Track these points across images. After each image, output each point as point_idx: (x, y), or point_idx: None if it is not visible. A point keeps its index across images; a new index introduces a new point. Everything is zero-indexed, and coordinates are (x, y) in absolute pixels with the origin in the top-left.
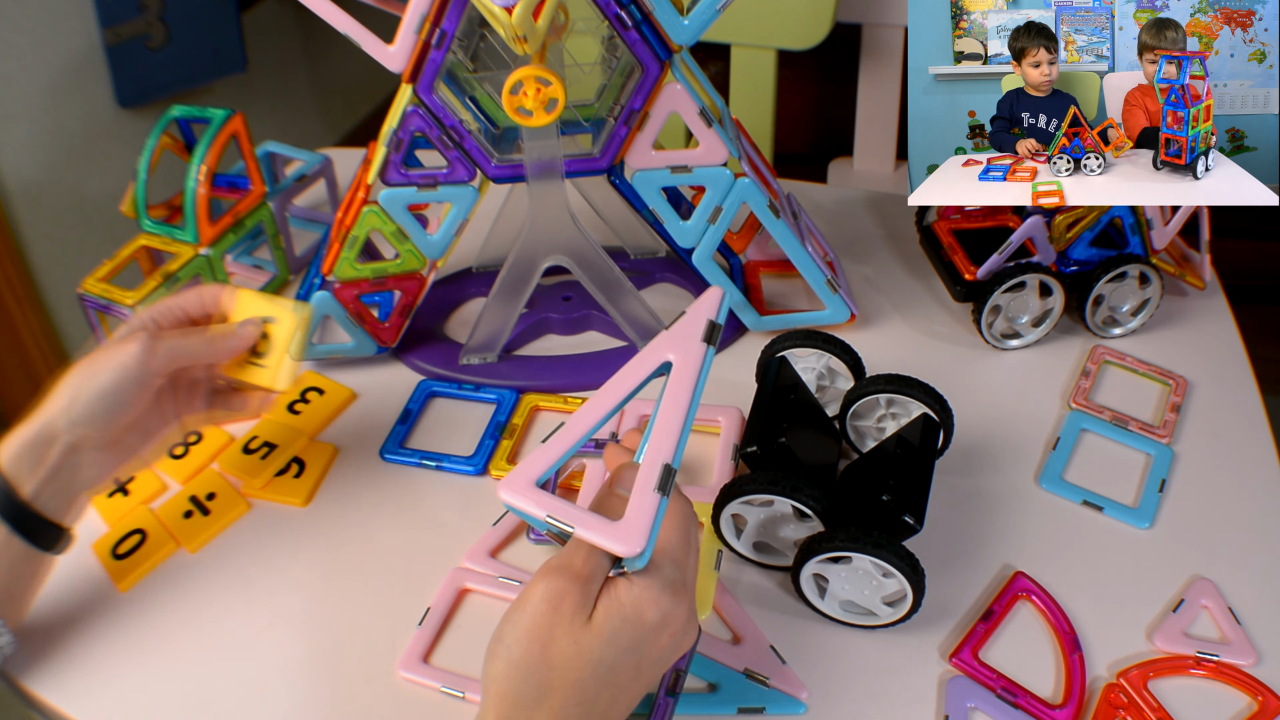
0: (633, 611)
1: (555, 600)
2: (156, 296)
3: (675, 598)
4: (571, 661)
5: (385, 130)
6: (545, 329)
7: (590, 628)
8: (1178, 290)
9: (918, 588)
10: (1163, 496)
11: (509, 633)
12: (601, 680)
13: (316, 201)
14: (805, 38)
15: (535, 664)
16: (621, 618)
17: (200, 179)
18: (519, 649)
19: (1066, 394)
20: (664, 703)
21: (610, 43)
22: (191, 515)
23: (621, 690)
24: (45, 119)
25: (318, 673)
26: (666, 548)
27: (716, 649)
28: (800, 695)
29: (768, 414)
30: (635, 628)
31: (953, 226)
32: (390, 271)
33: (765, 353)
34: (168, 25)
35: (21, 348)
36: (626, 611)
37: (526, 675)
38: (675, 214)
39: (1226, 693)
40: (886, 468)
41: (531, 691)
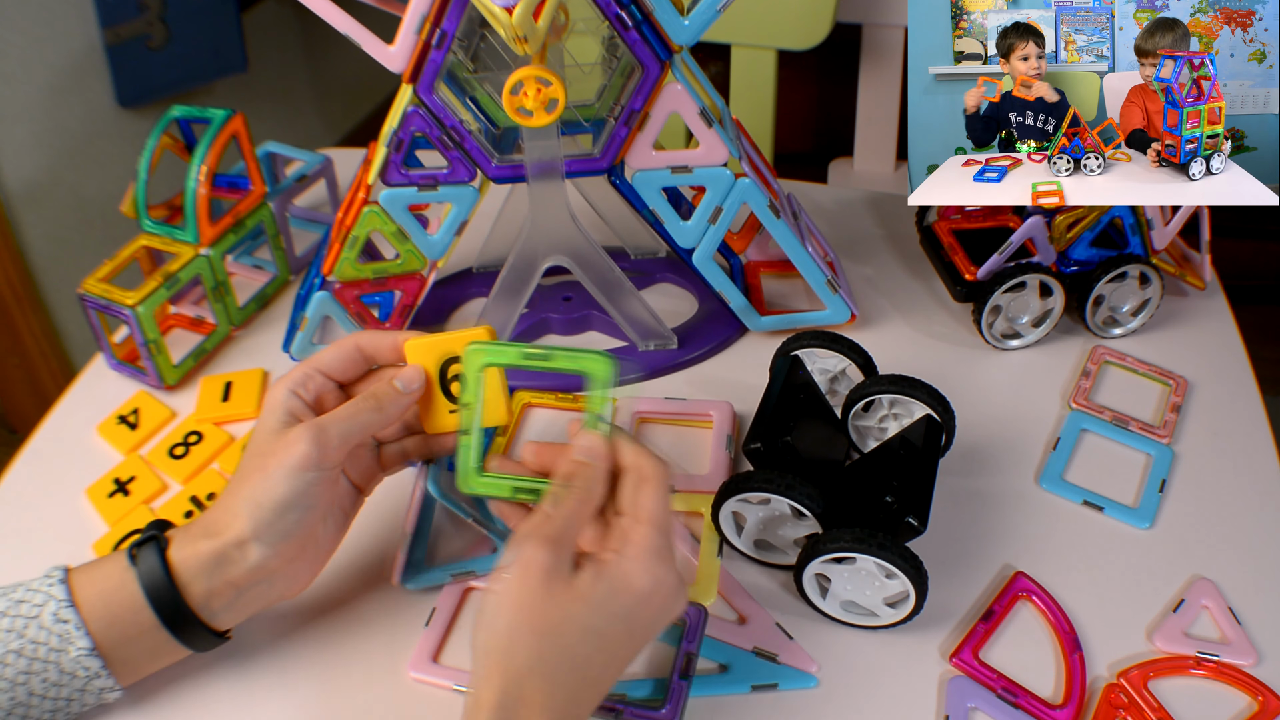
0: (621, 580)
1: (528, 565)
2: (157, 296)
3: (664, 564)
4: (559, 627)
5: (385, 130)
6: (545, 329)
7: (574, 591)
8: (1178, 290)
9: (921, 589)
10: (1163, 496)
11: (492, 604)
12: (593, 646)
13: (317, 201)
14: (805, 38)
15: (523, 633)
16: (609, 584)
17: (200, 179)
18: (503, 620)
19: (1067, 394)
20: (678, 686)
21: (610, 43)
22: (192, 515)
23: (613, 656)
24: (45, 119)
25: (323, 674)
26: (653, 517)
27: (724, 630)
28: (810, 669)
29: (775, 412)
30: (625, 595)
31: (953, 226)
32: (391, 271)
33: (779, 352)
34: (168, 25)
35: (21, 348)
36: (615, 579)
37: (515, 643)
38: (675, 214)
39: (1227, 693)
40: (889, 468)
41: (522, 659)
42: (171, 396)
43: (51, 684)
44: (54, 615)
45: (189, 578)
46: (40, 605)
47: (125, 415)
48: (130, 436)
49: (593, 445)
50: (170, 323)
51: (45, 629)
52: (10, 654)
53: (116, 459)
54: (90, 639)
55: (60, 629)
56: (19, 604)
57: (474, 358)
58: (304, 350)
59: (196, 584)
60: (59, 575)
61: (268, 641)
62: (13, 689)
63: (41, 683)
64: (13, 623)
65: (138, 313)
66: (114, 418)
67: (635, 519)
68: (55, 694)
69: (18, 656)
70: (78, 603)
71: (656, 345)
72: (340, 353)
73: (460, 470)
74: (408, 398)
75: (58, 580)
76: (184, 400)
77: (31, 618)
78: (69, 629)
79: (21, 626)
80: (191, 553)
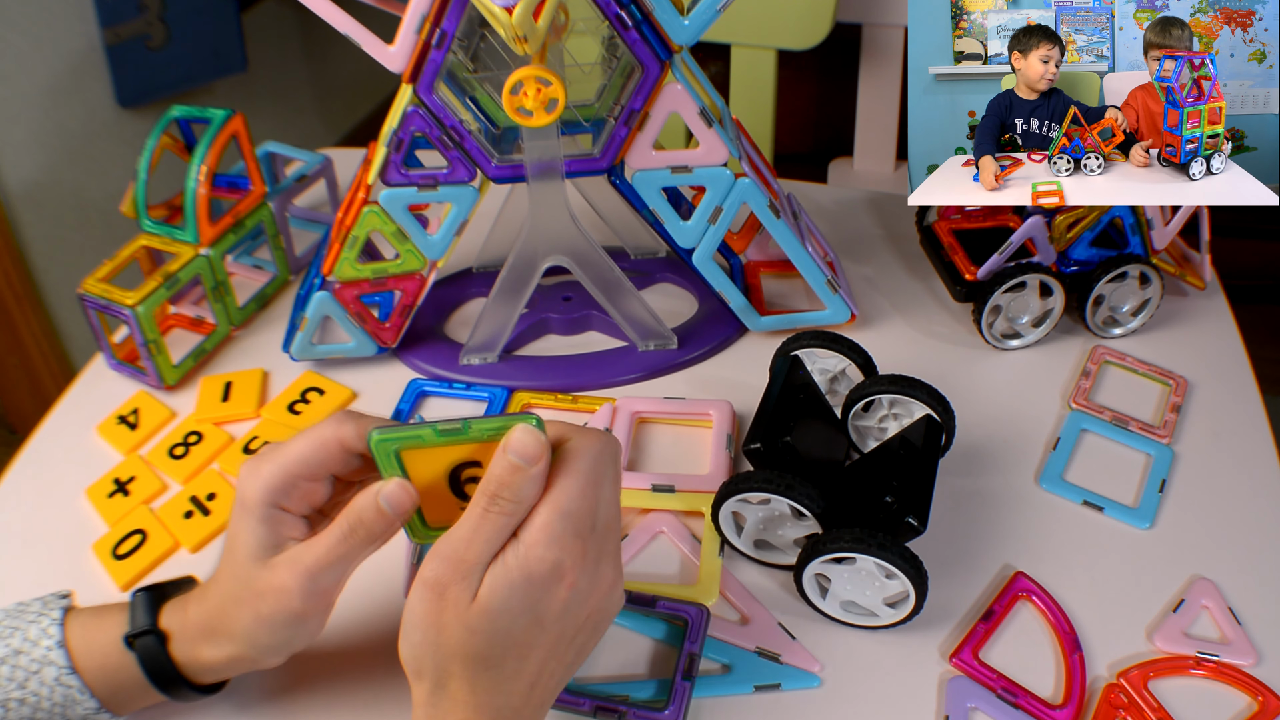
0: (520, 575)
1: (437, 588)
2: (157, 296)
3: (564, 549)
4: (466, 643)
5: (385, 130)
6: (545, 329)
7: (477, 606)
8: (1178, 290)
9: (921, 589)
10: (1163, 496)
11: (406, 618)
12: (503, 645)
13: (316, 201)
14: (805, 38)
15: (432, 647)
16: (509, 585)
17: (200, 179)
18: (416, 634)
19: (1067, 394)
20: (681, 686)
21: (610, 43)
22: (191, 515)
23: (527, 647)
24: (45, 119)
25: (325, 675)
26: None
27: (726, 630)
28: (813, 669)
29: (775, 412)
30: (526, 589)
31: (953, 226)
32: (390, 271)
33: (779, 352)
34: (168, 25)
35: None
36: (514, 576)
37: (427, 655)
38: (675, 214)
39: (1227, 693)
40: (889, 468)
41: (440, 666)
42: (171, 396)
43: None
44: (56, 679)
45: (194, 673)
46: (40, 662)
47: (125, 415)
48: (130, 436)
49: (526, 447)
50: (170, 323)
51: (48, 686)
52: (13, 700)
53: (116, 459)
54: (96, 700)
55: (64, 691)
56: (16, 654)
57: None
58: (304, 351)
59: (202, 676)
60: (56, 636)
61: None
62: None
63: None
64: (12, 672)
65: (138, 313)
66: (114, 418)
67: (542, 500)
68: None
69: (20, 704)
70: (79, 670)
71: (656, 345)
72: (320, 451)
73: (408, 527)
74: (398, 521)
75: (55, 644)
76: (184, 400)
77: (32, 672)
78: (73, 693)
79: (22, 678)
80: (194, 655)
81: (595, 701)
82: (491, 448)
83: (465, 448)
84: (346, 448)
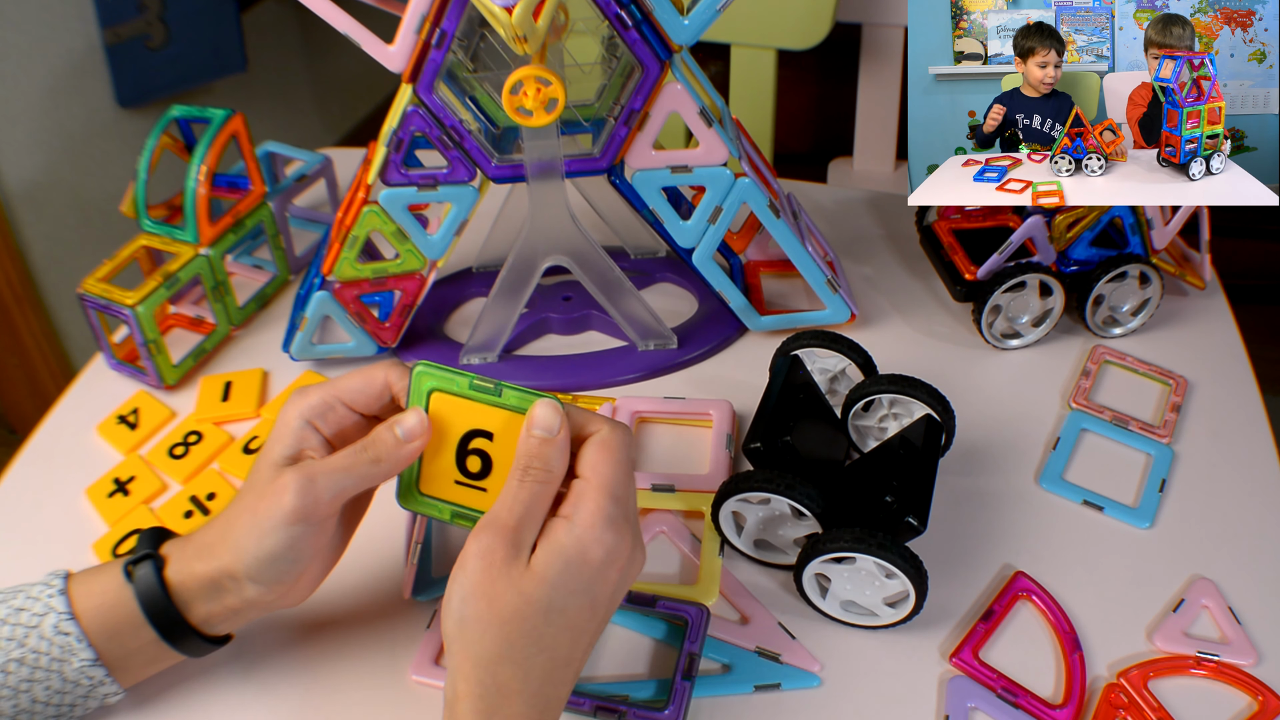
0: (576, 553)
1: (488, 556)
2: (156, 296)
3: (618, 533)
4: (521, 611)
5: (385, 130)
6: (545, 329)
7: (531, 573)
8: (1178, 290)
9: (921, 589)
10: (1163, 496)
11: (455, 594)
12: (557, 626)
13: (316, 201)
14: (805, 38)
15: (487, 622)
16: (565, 560)
17: (200, 179)
18: (469, 609)
19: (1067, 394)
20: (681, 686)
21: (610, 43)
22: (191, 515)
23: (580, 632)
24: (45, 119)
25: (324, 676)
26: (606, 483)
27: (726, 630)
28: (813, 669)
29: (775, 411)
30: (581, 568)
31: (953, 226)
32: (390, 271)
33: (778, 352)
34: (168, 25)
35: (21, 348)
36: (570, 554)
37: (482, 633)
38: (675, 214)
39: (1227, 693)
40: (889, 468)
41: (491, 648)
42: (171, 396)
43: (55, 691)
44: (54, 628)
45: (187, 598)
46: (40, 615)
47: (125, 415)
48: (130, 436)
49: (549, 419)
50: (170, 323)
51: (46, 639)
52: (12, 662)
53: (116, 459)
54: (93, 650)
55: (62, 640)
56: (19, 612)
57: (421, 380)
58: (304, 350)
59: (195, 606)
60: (59, 585)
61: (269, 643)
62: (16, 695)
63: (45, 690)
64: (13, 631)
65: (137, 312)
66: (114, 418)
67: (588, 484)
68: (59, 700)
69: (19, 665)
70: (78, 615)
71: (656, 345)
72: (367, 385)
73: (402, 484)
74: (408, 449)
75: (57, 591)
76: (184, 400)
77: (32, 627)
78: (70, 641)
79: (22, 635)
80: (189, 575)
81: (595, 701)
82: (508, 421)
83: (487, 411)
84: (391, 388)
